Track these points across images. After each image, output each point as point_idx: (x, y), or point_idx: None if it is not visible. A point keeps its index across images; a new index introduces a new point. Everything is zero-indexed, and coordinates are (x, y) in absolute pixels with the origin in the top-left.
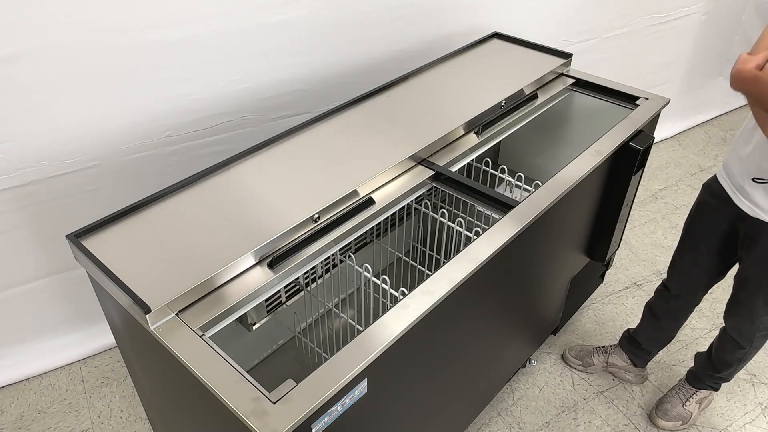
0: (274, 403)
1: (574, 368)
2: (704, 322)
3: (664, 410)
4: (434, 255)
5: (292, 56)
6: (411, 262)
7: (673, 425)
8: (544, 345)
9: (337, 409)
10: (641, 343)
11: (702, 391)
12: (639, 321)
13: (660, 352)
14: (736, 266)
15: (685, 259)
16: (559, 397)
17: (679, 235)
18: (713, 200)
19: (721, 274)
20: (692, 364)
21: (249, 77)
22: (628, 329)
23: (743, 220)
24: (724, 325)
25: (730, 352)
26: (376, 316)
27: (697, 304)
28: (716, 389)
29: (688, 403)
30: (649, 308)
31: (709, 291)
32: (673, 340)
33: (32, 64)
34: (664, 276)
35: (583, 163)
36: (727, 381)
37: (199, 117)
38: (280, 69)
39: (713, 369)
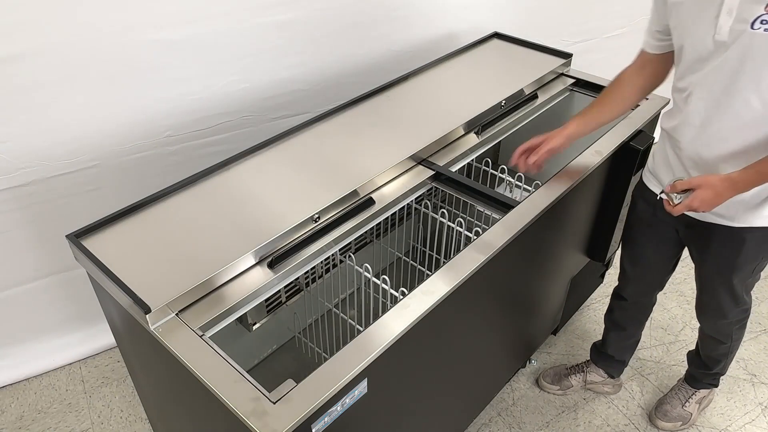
0: (274, 403)
1: (554, 394)
2: None
3: (663, 411)
4: (434, 255)
5: (292, 56)
6: (411, 262)
7: (673, 426)
8: (544, 345)
9: (337, 409)
10: (614, 356)
11: (701, 390)
12: (603, 336)
13: (660, 352)
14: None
15: (638, 269)
16: (559, 397)
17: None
18: (652, 209)
19: (672, 270)
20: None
21: (249, 77)
22: (595, 344)
23: (690, 227)
24: (700, 327)
25: (714, 349)
26: (376, 316)
27: (655, 303)
28: (716, 385)
29: (687, 403)
30: (612, 321)
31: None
32: (674, 341)
33: (32, 64)
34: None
35: (583, 163)
36: (723, 374)
37: (199, 117)
38: (280, 69)
39: (705, 367)
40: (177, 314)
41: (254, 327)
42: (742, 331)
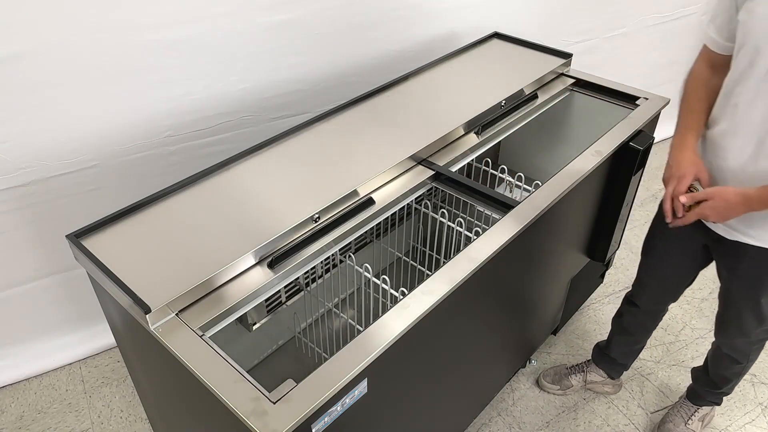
0: (274, 403)
1: (554, 394)
2: (704, 322)
3: (666, 430)
4: (434, 255)
5: (292, 56)
6: (411, 262)
7: None
8: (544, 345)
9: (337, 409)
10: (616, 358)
11: (704, 408)
12: (608, 337)
13: (660, 352)
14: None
15: (654, 279)
16: (559, 397)
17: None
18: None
19: (690, 284)
20: (692, 364)
21: (249, 77)
22: (598, 344)
23: (719, 241)
24: (714, 342)
25: (728, 368)
26: (376, 316)
27: (666, 312)
28: (718, 404)
29: (690, 421)
30: (619, 324)
31: (709, 291)
32: (674, 341)
33: (33, 63)
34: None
35: (583, 163)
36: (728, 394)
37: (199, 117)
38: (280, 69)
39: (713, 386)
40: (177, 314)
41: (254, 327)
42: (759, 352)
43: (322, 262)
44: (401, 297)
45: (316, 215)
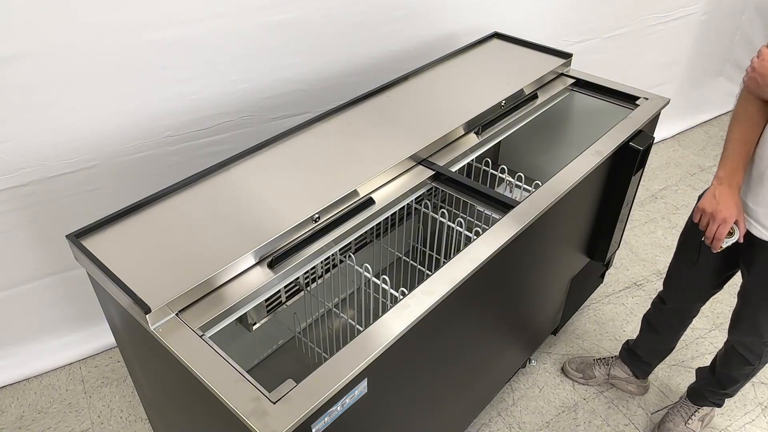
0: (274, 403)
1: (576, 381)
2: (704, 322)
3: (666, 429)
4: (434, 255)
5: (292, 56)
6: (411, 262)
7: None
8: (544, 345)
9: (337, 409)
10: (641, 356)
11: (704, 408)
12: (638, 335)
13: None
14: (736, 278)
15: (682, 274)
16: (559, 397)
17: (677, 242)
18: None
19: (718, 287)
20: (692, 364)
21: (249, 77)
22: (628, 341)
23: (745, 236)
24: (727, 340)
25: (738, 368)
26: (376, 316)
27: (696, 315)
28: (719, 406)
29: (690, 421)
30: (647, 321)
31: None
32: None
33: (32, 64)
34: (664, 276)
35: (583, 163)
36: (731, 397)
37: (199, 117)
38: (280, 69)
39: (718, 385)
40: (177, 314)
41: (254, 327)
42: None
43: (322, 262)
44: (401, 297)
45: (316, 215)
